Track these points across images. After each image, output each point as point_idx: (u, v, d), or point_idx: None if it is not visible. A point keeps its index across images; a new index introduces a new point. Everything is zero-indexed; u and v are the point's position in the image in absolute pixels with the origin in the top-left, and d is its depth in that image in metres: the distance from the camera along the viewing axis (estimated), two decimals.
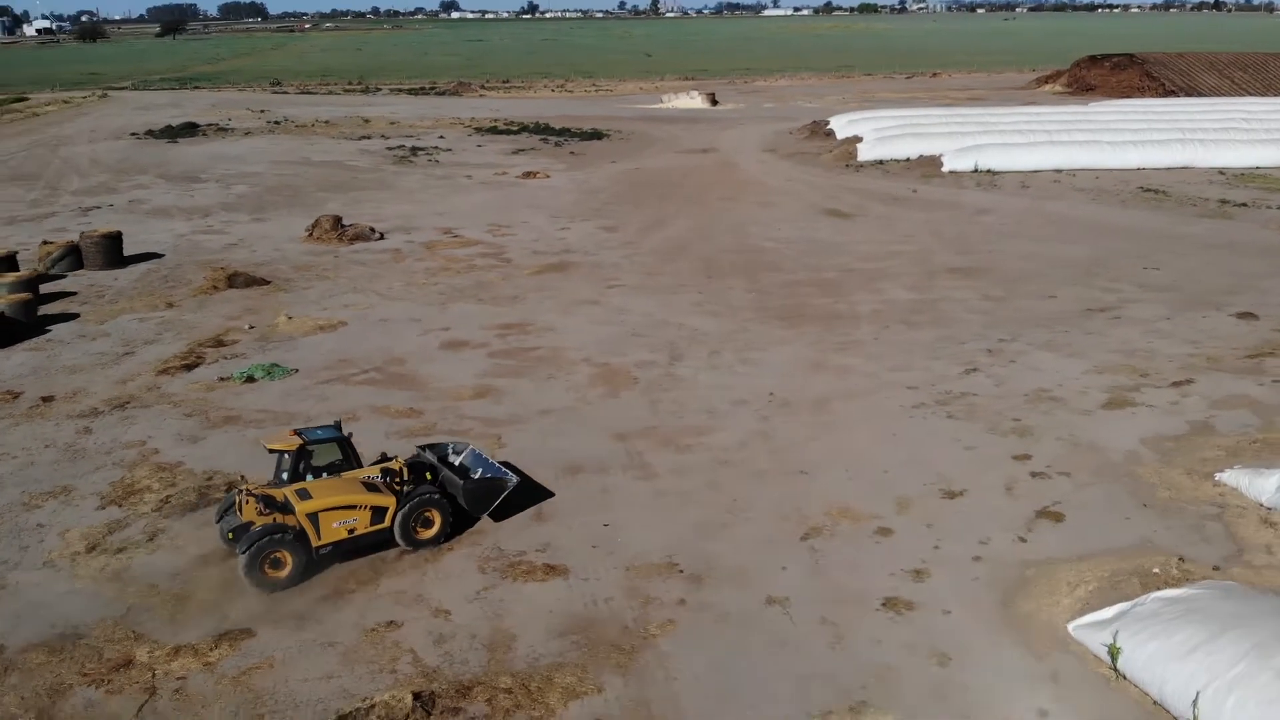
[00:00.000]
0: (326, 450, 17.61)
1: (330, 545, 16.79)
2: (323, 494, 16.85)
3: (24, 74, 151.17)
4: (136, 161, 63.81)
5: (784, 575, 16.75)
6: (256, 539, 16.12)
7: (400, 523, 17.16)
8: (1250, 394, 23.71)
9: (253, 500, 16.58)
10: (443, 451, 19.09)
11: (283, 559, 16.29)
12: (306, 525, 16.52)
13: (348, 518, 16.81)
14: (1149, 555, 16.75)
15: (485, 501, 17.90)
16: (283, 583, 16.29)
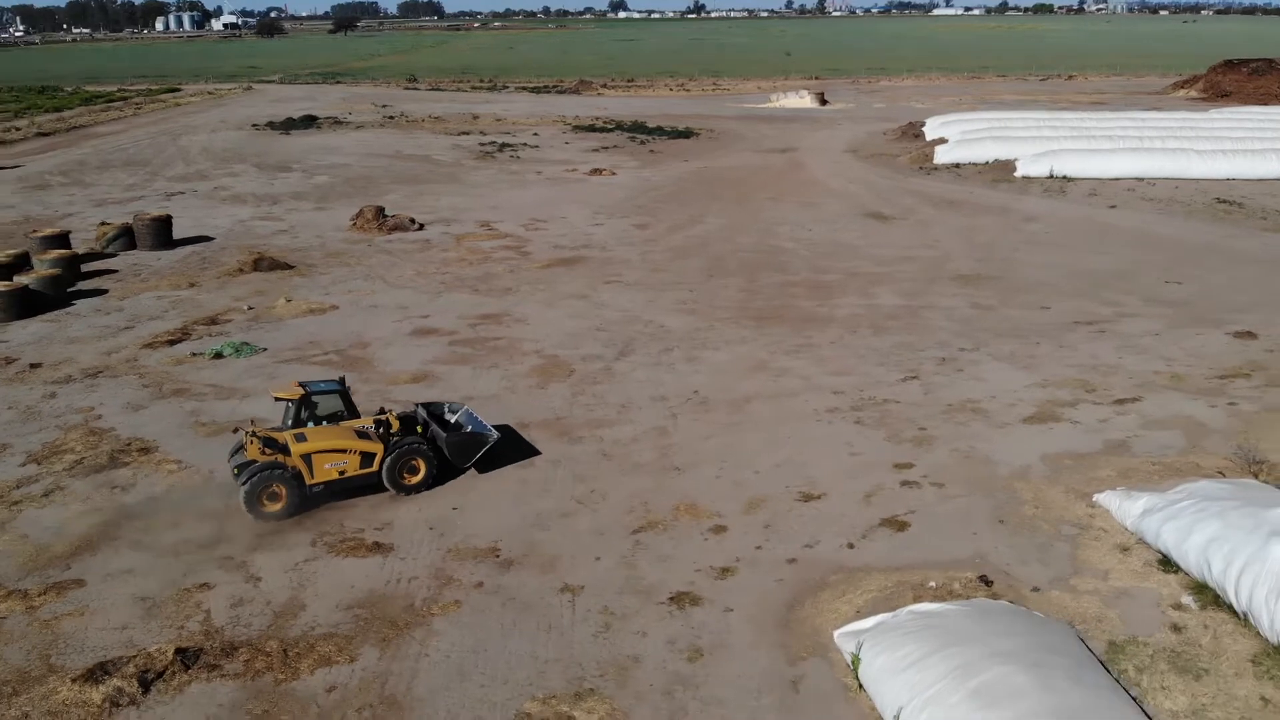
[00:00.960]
0: (329, 401, 19.53)
1: (322, 484, 18.69)
2: (317, 438, 18.74)
3: (191, 66, 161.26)
4: (241, 151, 67.56)
5: (593, 566, 17.04)
6: (255, 474, 18.12)
7: (388, 468, 19.00)
8: (1195, 415, 22.54)
9: (256, 441, 18.60)
10: (439, 409, 20.93)
11: (279, 493, 18.25)
12: (301, 465, 18.39)
13: (339, 460, 18.67)
14: (958, 570, 16.31)
15: (467, 453, 19.71)
16: (279, 514, 18.27)
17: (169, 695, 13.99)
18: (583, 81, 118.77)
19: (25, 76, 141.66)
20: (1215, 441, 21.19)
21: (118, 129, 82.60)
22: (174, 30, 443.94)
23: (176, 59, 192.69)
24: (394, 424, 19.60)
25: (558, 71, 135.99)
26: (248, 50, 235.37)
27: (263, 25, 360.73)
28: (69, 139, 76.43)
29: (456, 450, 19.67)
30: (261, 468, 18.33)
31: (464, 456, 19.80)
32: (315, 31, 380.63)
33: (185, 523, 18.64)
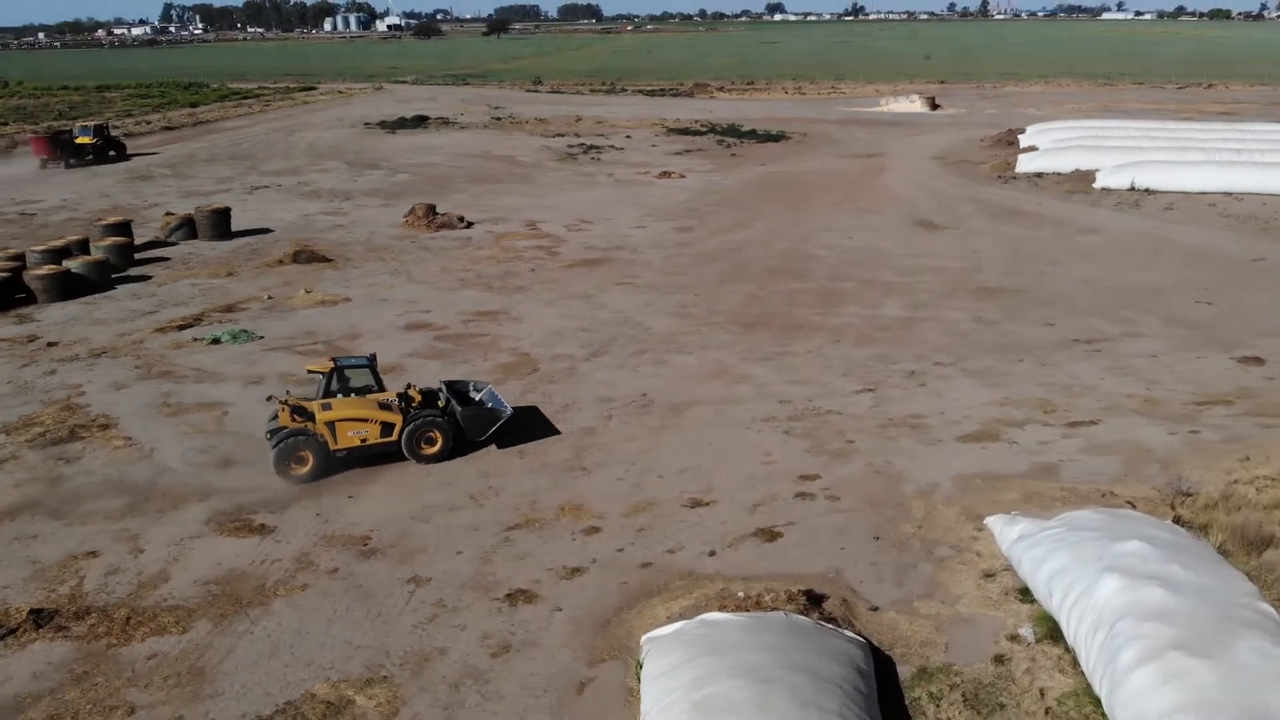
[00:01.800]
0: (359, 375, 20.94)
1: (345, 450, 20.15)
2: (341, 408, 20.23)
3: (338, 66, 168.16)
4: (340, 148, 70.43)
5: (450, 560, 17.48)
6: (284, 438, 19.77)
7: (406, 438, 20.44)
8: (1146, 442, 21.51)
9: (287, 409, 20.10)
10: (464, 387, 22.35)
11: (305, 457, 19.81)
12: (325, 432, 19.93)
13: (360, 429, 20.19)
14: (800, 583, 16.10)
15: (481, 428, 21.09)
16: (305, 477, 19.83)
17: (11, 651, 15.03)
18: (699, 85, 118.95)
19: (182, 72, 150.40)
20: (1154, 470, 20.19)
21: (241, 125, 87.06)
22: (340, 31, 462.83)
23: (330, 59, 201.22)
24: (416, 398, 21.00)
25: (687, 74, 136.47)
26: (400, 51, 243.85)
27: (420, 28, 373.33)
28: (192, 133, 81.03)
29: (472, 424, 21.03)
30: (289, 433, 19.87)
31: (478, 430, 21.11)
32: (470, 34, 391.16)
33: (105, 496, 19.83)
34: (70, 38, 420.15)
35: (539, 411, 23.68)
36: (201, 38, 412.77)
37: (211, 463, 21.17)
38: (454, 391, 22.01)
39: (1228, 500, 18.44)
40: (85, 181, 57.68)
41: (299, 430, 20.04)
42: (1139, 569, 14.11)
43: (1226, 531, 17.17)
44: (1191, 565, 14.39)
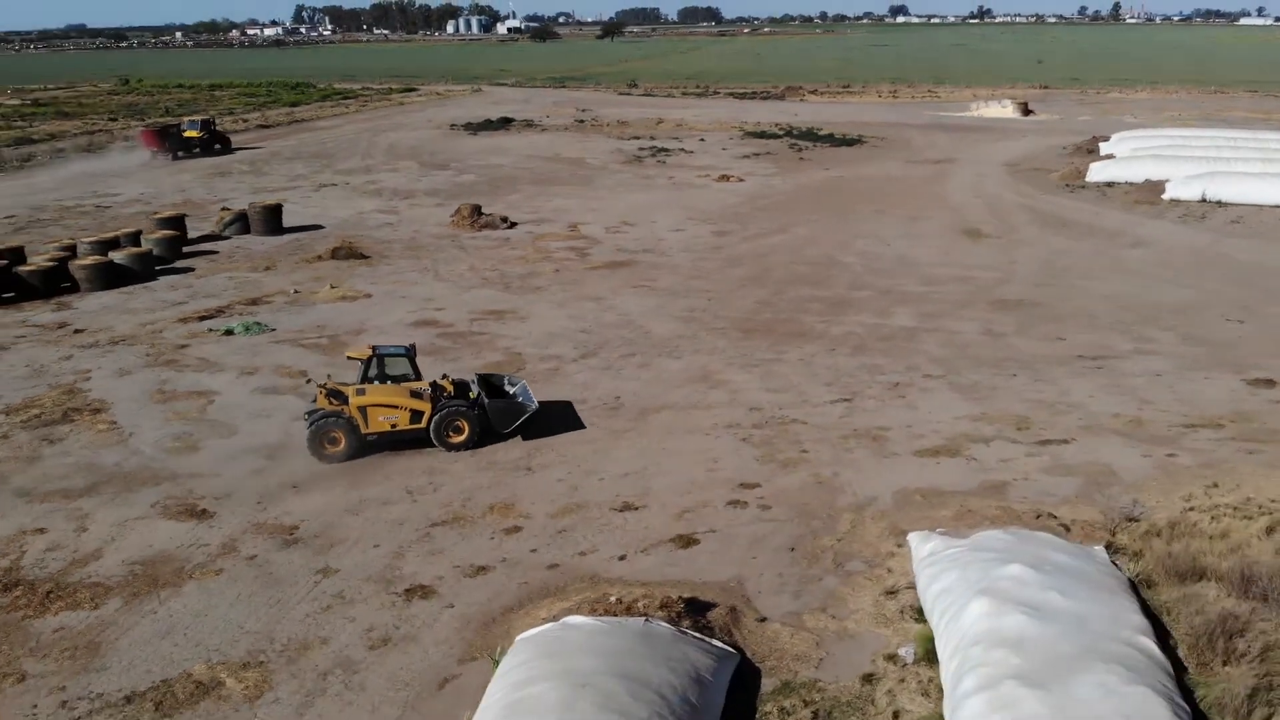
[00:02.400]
0: (397, 363, 21.72)
1: (376, 434, 21.11)
2: (375, 394, 21.11)
3: (448, 67, 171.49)
4: (418, 149, 72.08)
5: (366, 552, 17.92)
6: (318, 420, 20.81)
7: (435, 426, 21.21)
8: (1115, 463, 20.80)
9: (324, 392, 21.11)
10: (499, 380, 23.17)
11: (338, 438, 20.83)
12: (357, 416, 20.87)
13: (390, 414, 21.06)
14: (696, 591, 16.08)
15: (507, 420, 21.72)
16: (338, 457, 20.87)
17: None
18: (790, 88, 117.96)
19: (299, 72, 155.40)
20: (1112, 492, 19.53)
21: (334, 124, 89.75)
22: (462, 33, 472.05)
23: (442, 61, 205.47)
24: (447, 388, 21.80)
25: (789, 77, 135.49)
26: (512, 54, 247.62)
27: (536, 31, 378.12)
28: (285, 132, 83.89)
29: (498, 416, 21.66)
30: (323, 415, 20.84)
31: (504, 422, 21.70)
32: (586, 37, 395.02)
33: (72, 476, 20.86)
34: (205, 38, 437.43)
35: (572, 407, 24.00)
36: (327, 39, 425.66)
37: (179, 449, 22.04)
38: (487, 384, 22.77)
39: (1174, 528, 17.69)
40: (168, 176, 60.32)
41: (333, 413, 20.92)
42: (1011, 594, 13.68)
43: (1157, 560, 16.51)
44: (1076, 593, 13.88)
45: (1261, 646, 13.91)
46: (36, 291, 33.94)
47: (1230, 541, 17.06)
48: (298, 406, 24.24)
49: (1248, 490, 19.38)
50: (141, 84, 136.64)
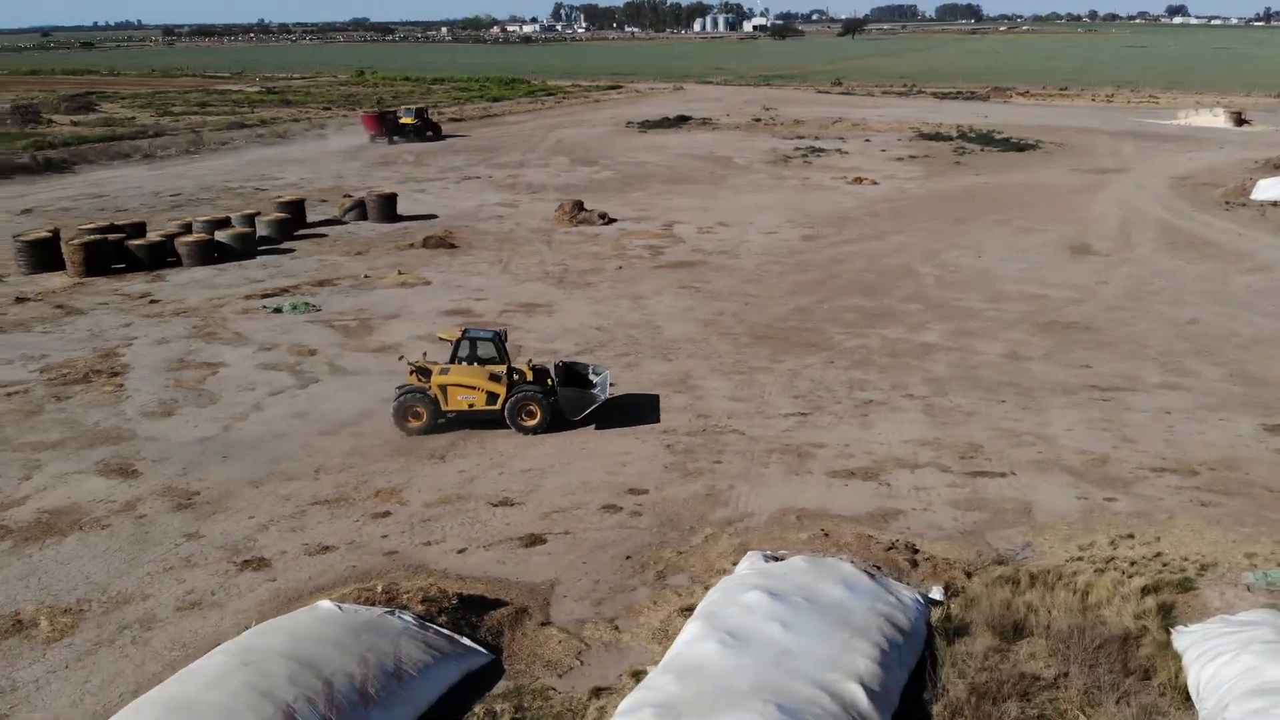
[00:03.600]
0: (486, 346, 22.77)
1: (454, 412, 22.31)
2: (456, 374, 22.27)
3: (668, 65, 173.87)
4: (580, 145, 74.05)
5: (240, 521, 19.01)
6: (402, 394, 22.29)
7: (509, 409, 22.23)
8: (1042, 503, 19.47)
9: (412, 370, 22.68)
10: (583, 369, 23.90)
11: (420, 413, 22.18)
12: (438, 393, 22.16)
13: (468, 394, 22.22)
14: (491, 587, 16.35)
15: (577, 408, 22.47)
16: (418, 430, 22.22)
17: None
18: (996, 89, 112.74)
19: (534, 69, 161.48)
20: (1006, 532, 18.27)
21: (521, 120, 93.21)
22: (707, 32, 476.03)
23: (673, 58, 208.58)
24: (527, 374, 22.72)
25: (1017, 77, 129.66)
26: (744, 52, 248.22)
27: (777, 29, 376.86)
28: (471, 126, 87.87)
29: (568, 404, 22.45)
30: (407, 390, 22.25)
31: (574, 410, 22.43)
32: (828, 35, 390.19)
33: (53, 430, 23.17)
34: (468, 33, 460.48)
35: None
36: (575, 36, 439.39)
37: (155, 413, 23.99)
38: (570, 372, 23.48)
39: (1037, 577, 16.42)
40: (332, 163, 64.62)
41: (416, 388, 22.18)
42: (725, 620, 13.25)
43: (987, 610, 15.41)
44: (806, 628, 13.25)
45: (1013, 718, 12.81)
46: (143, 264, 37.34)
47: (1090, 599, 15.65)
48: (284, 381, 25.91)
49: (1163, 545, 17.64)
50: (375, 76, 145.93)
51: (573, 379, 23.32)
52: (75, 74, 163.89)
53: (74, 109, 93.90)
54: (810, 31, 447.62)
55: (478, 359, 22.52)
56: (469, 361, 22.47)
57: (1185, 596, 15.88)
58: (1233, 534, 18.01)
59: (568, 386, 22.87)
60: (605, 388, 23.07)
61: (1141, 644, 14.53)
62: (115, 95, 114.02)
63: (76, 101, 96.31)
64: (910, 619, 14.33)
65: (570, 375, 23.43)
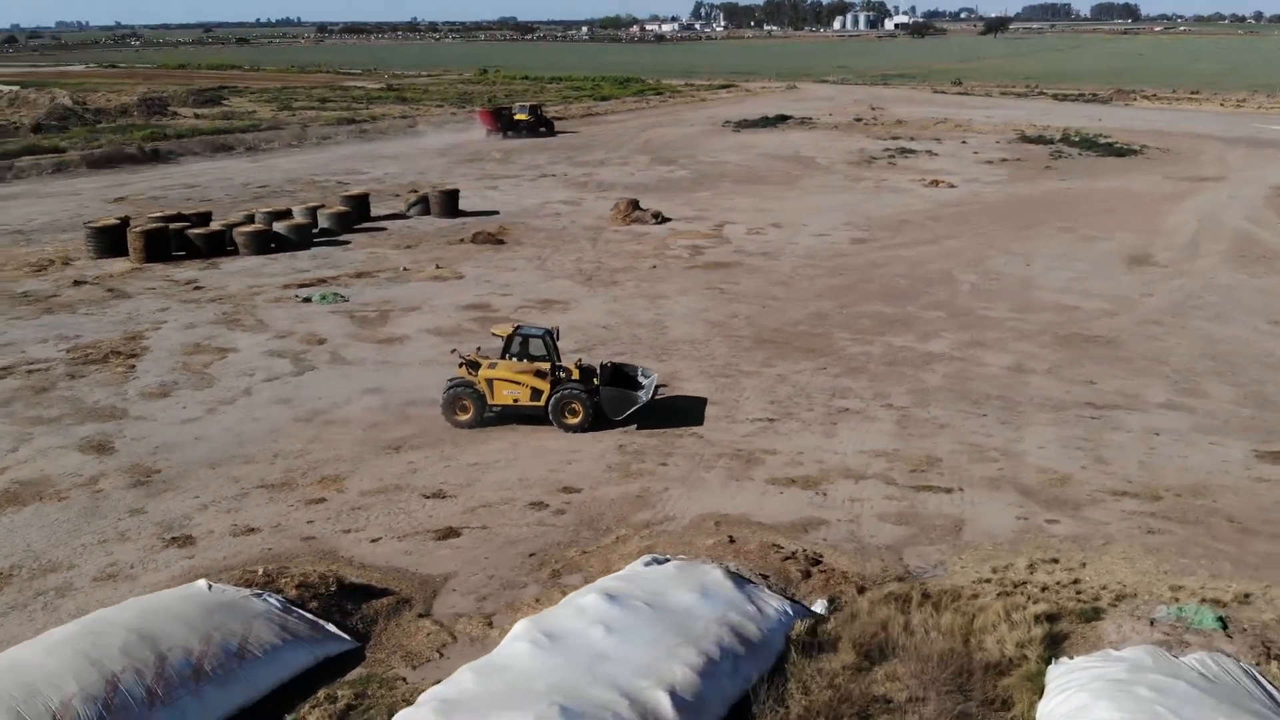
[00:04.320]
0: (537, 344, 22.95)
1: (500, 407, 22.60)
2: (502, 370, 22.56)
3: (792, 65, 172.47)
4: (667, 145, 74.29)
5: (184, 501, 19.75)
6: (450, 388, 22.73)
7: (552, 406, 22.37)
8: (966, 521, 18.89)
9: (461, 363, 23.21)
10: (633, 370, 23.96)
11: (467, 406, 22.55)
12: (484, 388, 22.50)
13: (513, 389, 22.47)
14: (382, 576, 16.80)
15: (617, 409, 22.45)
16: (465, 423, 22.55)
17: None
18: (1119, 91, 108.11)
19: (651, 68, 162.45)
20: (924, 549, 17.81)
21: (621, 119, 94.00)
22: (847, 30, 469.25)
23: (804, 57, 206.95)
24: (573, 372, 22.77)
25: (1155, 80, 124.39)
26: (878, 50, 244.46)
27: (914, 27, 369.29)
28: (572, 124, 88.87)
29: (609, 403, 22.44)
30: (455, 384, 22.65)
31: (616, 410, 22.41)
32: (969, 34, 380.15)
33: (53, 406, 24.60)
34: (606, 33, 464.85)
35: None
36: (710, 35, 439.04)
37: (152, 394, 25.24)
38: (619, 373, 23.52)
39: (929, 597, 15.96)
40: (425, 160, 66.29)
41: (464, 382, 22.52)
42: (551, 621, 13.40)
43: (856, 626, 15.12)
44: (632, 634, 13.24)
45: None
46: (200, 252, 39.13)
47: (976, 623, 15.13)
48: (282, 368, 26.94)
49: (1086, 572, 16.91)
50: (498, 74, 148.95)
51: (620, 379, 23.26)
52: (219, 69, 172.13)
53: (201, 102, 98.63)
54: (954, 30, 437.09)
55: (528, 355, 22.72)
56: (519, 358, 22.67)
57: (1084, 627, 15.15)
58: (1168, 565, 17.09)
59: (611, 387, 22.79)
60: (651, 390, 23.00)
61: (1010, 673, 13.95)
62: (246, 90, 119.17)
63: (204, 95, 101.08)
64: (764, 630, 14.10)
65: (617, 376, 23.38)
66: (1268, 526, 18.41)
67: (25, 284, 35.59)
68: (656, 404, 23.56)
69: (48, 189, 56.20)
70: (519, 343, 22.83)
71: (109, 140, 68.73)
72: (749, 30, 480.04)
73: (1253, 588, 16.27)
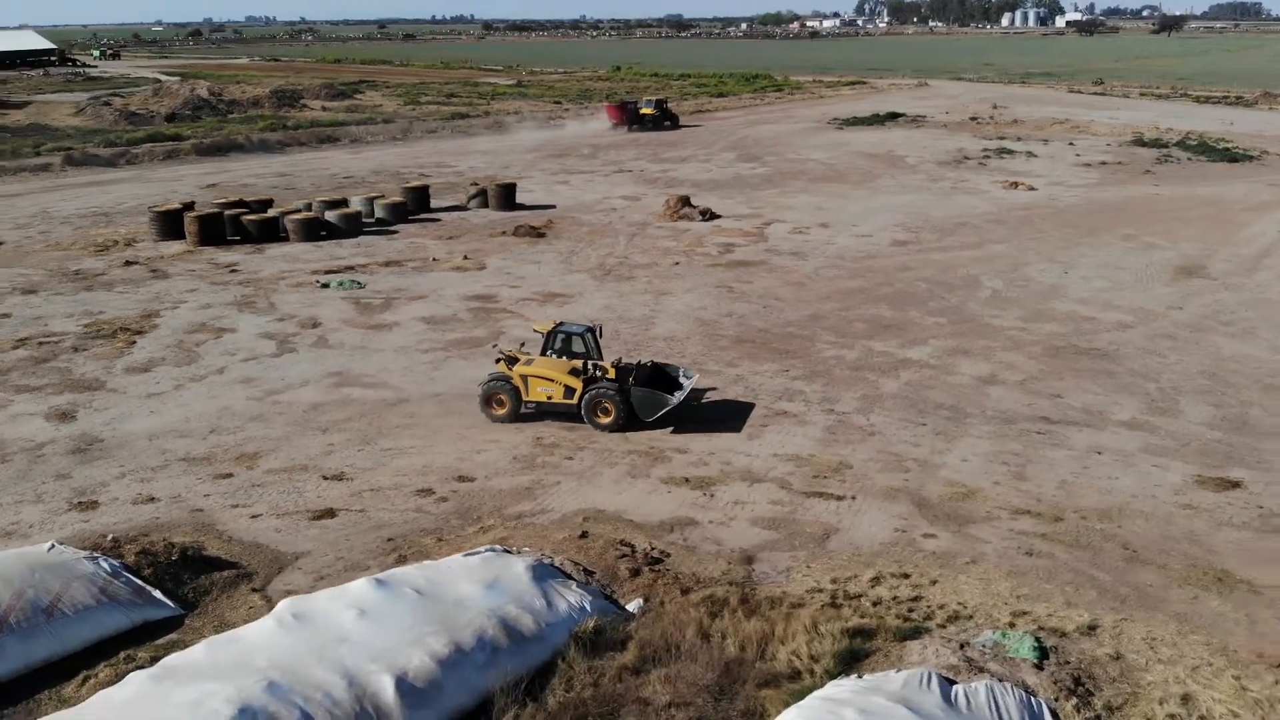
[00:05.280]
0: (578, 341, 22.96)
1: (534, 403, 22.38)
2: (538, 366, 22.38)
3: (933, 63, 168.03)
4: (760, 141, 73.79)
5: (107, 470, 20.89)
6: (487, 382, 22.79)
7: (585, 405, 22.06)
8: (839, 530, 18.47)
9: (499, 358, 23.25)
10: (674, 371, 23.65)
11: (503, 401, 22.48)
12: (519, 384, 22.41)
13: (547, 386, 22.21)
14: (230, 547, 17.56)
15: (648, 410, 21.90)
16: (502, 418, 22.51)
17: None
18: (1266, 93, 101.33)
19: (779, 65, 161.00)
20: (786, 557, 17.53)
21: (728, 115, 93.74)
22: (1015, 27, 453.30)
23: (947, 54, 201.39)
24: (610, 371, 22.24)
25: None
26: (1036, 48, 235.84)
27: (1083, 24, 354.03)
28: (688, 120, 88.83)
29: (640, 404, 21.90)
30: (493, 378, 22.68)
31: (647, 412, 21.90)
32: (1140, 32, 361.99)
33: (43, 375, 26.35)
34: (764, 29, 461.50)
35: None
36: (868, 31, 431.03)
37: (136, 368, 26.74)
38: (659, 373, 23.25)
39: (746, 603, 15.77)
40: (512, 155, 67.63)
41: (502, 377, 22.45)
42: (308, 602, 13.99)
43: (656, 628, 15.08)
44: (381, 619, 13.57)
45: None
46: (253, 238, 41.09)
47: (777, 633, 14.87)
48: (265, 349, 28.20)
49: (932, 590, 16.39)
50: (629, 70, 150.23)
51: (659, 380, 22.81)
52: (371, 63, 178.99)
53: (332, 95, 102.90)
54: (1129, 28, 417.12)
55: (569, 352, 22.61)
56: (560, 354, 22.55)
57: (895, 646, 14.65)
58: (1026, 589, 16.30)
59: (645, 387, 22.24)
60: (687, 392, 22.56)
61: (782, 685, 13.61)
62: (384, 84, 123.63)
63: (335, 89, 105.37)
64: (543, 625, 14.13)
65: (656, 376, 22.95)
66: (1161, 556, 17.29)
67: (83, 262, 37.98)
68: (696, 407, 23.24)
69: (154, 174, 59.77)
70: (560, 339, 22.65)
71: (231, 129, 72.65)
72: (910, 27, 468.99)
73: (1106, 619, 15.37)
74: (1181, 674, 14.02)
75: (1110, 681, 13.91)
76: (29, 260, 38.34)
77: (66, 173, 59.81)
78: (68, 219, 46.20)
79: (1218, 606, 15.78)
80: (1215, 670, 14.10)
